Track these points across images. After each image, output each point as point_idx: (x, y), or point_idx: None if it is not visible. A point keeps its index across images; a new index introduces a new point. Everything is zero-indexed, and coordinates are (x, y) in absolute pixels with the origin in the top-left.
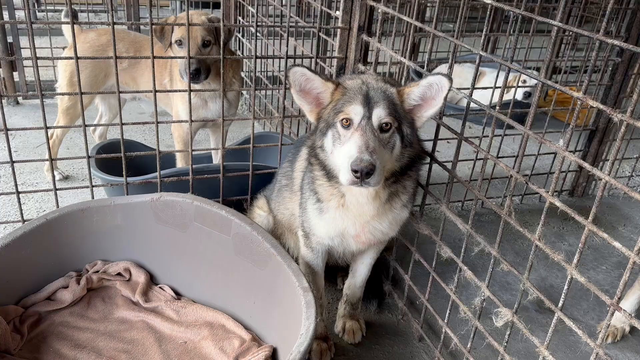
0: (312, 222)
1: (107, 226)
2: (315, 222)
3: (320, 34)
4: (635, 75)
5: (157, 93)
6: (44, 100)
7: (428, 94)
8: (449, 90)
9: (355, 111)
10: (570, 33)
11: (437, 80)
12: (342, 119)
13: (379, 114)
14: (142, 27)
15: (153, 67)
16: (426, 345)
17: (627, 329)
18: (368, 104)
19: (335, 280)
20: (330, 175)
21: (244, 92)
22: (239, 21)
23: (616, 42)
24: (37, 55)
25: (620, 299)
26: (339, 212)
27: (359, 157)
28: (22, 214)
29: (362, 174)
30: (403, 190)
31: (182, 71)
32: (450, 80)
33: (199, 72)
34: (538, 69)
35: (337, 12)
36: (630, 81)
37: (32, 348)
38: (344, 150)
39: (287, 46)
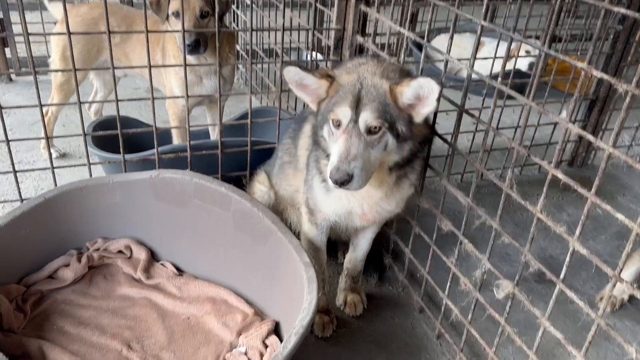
0: (318, 200)
1: (106, 204)
2: (322, 200)
3: (317, 4)
4: (636, 44)
5: (150, 71)
6: (37, 76)
7: (421, 93)
8: (440, 94)
9: (344, 114)
10: (571, 0)
11: (426, 83)
12: (333, 119)
13: (366, 118)
14: (134, 0)
15: (147, 41)
16: (427, 317)
17: (626, 297)
18: (357, 106)
19: (336, 254)
20: None
21: (240, 66)
22: None
23: (622, 9)
24: (29, 30)
25: (621, 270)
26: (345, 193)
27: (336, 166)
28: (20, 193)
29: (338, 183)
30: (411, 170)
31: (181, 43)
32: (440, 84)
33: (198, 43)
34: (538, 37)
35: None
36: (632, 49)
37: (36, 326)
38: (332, 150)
39: (284, 18)
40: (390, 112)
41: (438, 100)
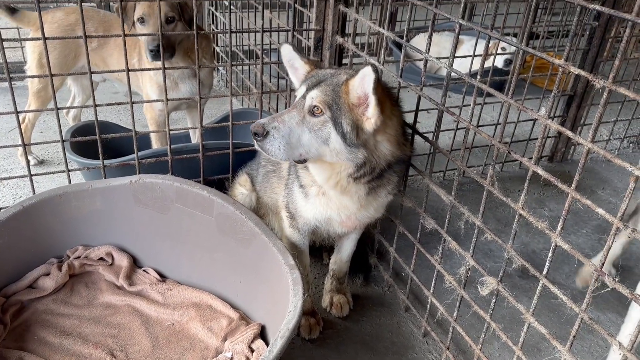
0: (298, 204)
1: (87, 211)
2: (301, 205)
3: (296, 5)
4: (612, 39)
5: (129, 75)
6: (13, 83)
7: (365, 87)
8: (375, 80)
9: (300, 90)
10: None
11: (366, 71)
12: (297, 96)
13: (312, 95)
14: (111, 4)
15: (125, 45)
16: (413, 315)
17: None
18: (312, 87)
19: (320, 255)
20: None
21: (220, 68)
22: None
23: (598, 6)
24: (3, 36)
25: (603, 264)
26: (321, 200)
27: (260, 120)
28: None
29: (253, 134)
30: (387, 182)
31: (145, 49)
32: (375, 70)
33: (162, 49)
34: (515, 35)
35: None
36: (608, 45)
37: (17, 337)
38: None
39: (263, 19)
40: (338, 104)
41: (375, 92)
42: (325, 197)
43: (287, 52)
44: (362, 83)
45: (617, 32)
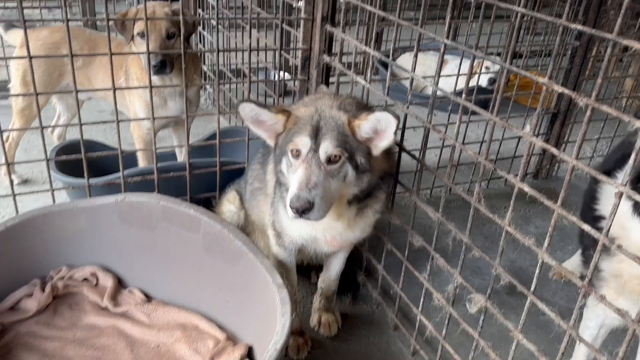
0: (283, 223)
1: (71, 230)
2: (287, 224)
3: (283, 25)
4: (593, 58)
5: (115, 94)
6: None
7: (378, 127)
8: (397, 127)
9: (303, 142)
10: (529, 18)
11: (384, 117)
12: (292, 149)
13: (326, 147)
14: (98, 22)
15: (111, 63)
16: (401, 334)
17: (578, 275)
18: (316, 136)
19: (309, 274)
20: None
21: (208, 87)
22: (199, 14)
23: (579, 26)
24: None
25: (590, 280)
26: (307, 222)
27: (296, 194)
28: None
29: (299, 212)
30: (375, 200)
31: (147, 64)
32: (397, 118)
33: (164, 64)
34: (499, 55)
35: (300, 3)
36: (589, 64)
37: None
38: (291, 180)
39: (250, 38)
40: (349, 143)
41: (396, 133)
42: None
43: (249, 110)
44: (378, 124)
45: (598, 51)
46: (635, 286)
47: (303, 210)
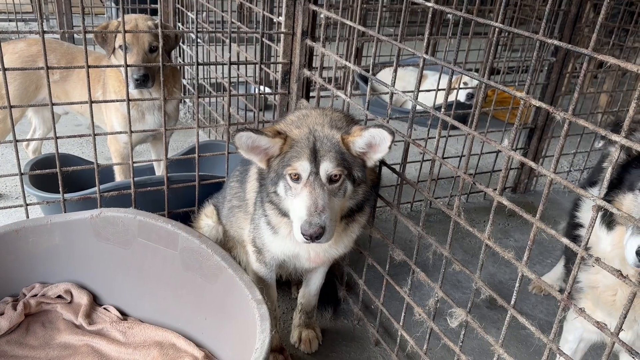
0: (265, 240)
1: (45, 247)
2: (269, 241)
3: (264, 39)
4: (569, 74)
5: (91, 107)
6: None
7: (372, 142)
8: (392, 142)
9: (303, 167)
10: (507, 34)
11: (378, 133)
12: (290, 173)
13: (326, 168)
14: (75, 35)
15: (88, 77)
16: (383, 349)
17: (557, 288)
18: (315, 158)
19: (289, 289)
20: (284, 214)
21: (187, 100)
22: (179, 27)
23: (556, 42)
24: None
25: (570, 294)
26: (291, 239)
27: (307, 220)
28: None
29: (313, 238)
30: (362, 213)
31: (130, 77)
32: (392, 133)
33: (147, 77)
34: (477, 70)
35: (280, 17)
36: (565, 80)
37: None
38: (295, 204)
39: (230, 52)
40: (346, 160)
41: (390, 147)
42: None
43: (246, 139)
44: (373, 139)
45: (573, 67)
46: (609, 297)
47: (317, 236)
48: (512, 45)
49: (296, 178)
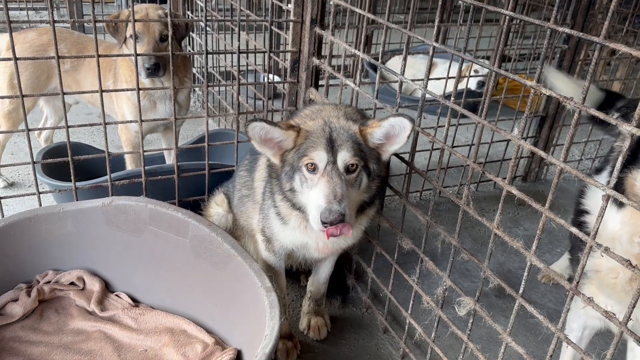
0: (274, 229)
1: (57, 234)
2: (278, 231)
3: (273, 27)
4: (581, 62)
5: (102, 96)
6: None
7: (391, 132)
8: (412, 130)
9: (320, 157)
10: (518, 21)
11: (399, 122)
12: (307, 164)
13: (344, 157)
14: (85, 25)
15: (98, 65)
16: (391, 337)
17: (566, 277)
18: (332, 148)
19: (298, 277)
20: (296, 207)
21: (197, 89)
22: (188, 16)
23: (567, 30)
24: None
25: (578, 283)
26: (300, 230)
27: (327, 208)
28: None
29: (333, 225)
30: (372, 207)
31: (141, 67)
32: (412, 121)
33: (158, 66)
34: (488, 58)
35: (289, 5)
36: (577, 67)
37: None
38: (312, 195)
39: (239, 41)
40: (363, 151)
41: (409, 137)
42: (306, 229)
43: (259, 129)
44: (392, 129)
45: (585, 54)
46: (611, 280)
47: (336, 224)
48: (524, 32)
49: (313, 168)
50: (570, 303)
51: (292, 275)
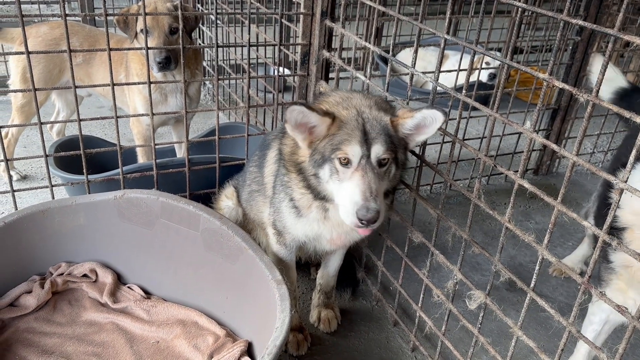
0: (287, 222)
1: (70, 227)
2: (292, 224)
3: (283, 20)
4: (594, 54)
5: (113, 89)
6: None
7: (422, 124)
8: (444, 122)
9: (355, 152)
10: (530, 13)
11: (431, 114)
12: (340, 157)
13: (378, 152)
14: (97, 18)
15: (110, 59)
16: (401, 330)
17: (578, 271)
18: (366, 141)
19: (308, 270)
20: (319, 196)
21: (207, 82)
22: (198, 9)
23: (580, 21)
24: None
25: (590, 277)
26: (317, 222)
27: (364, 205)
28: None
29: (369, 223)
30: (390, 194)
31: (152, 61)
32: (445, 114)
33: (169, 60)
34: (500, 50)
35: None
36: (590, 59)
37: None
38: (345, 189)
39: (249, 33)
40: (394, 142)
41: (440, 129)
42: (324, 220)
43: (298, 112)
44: (423, 121)
45: (599, 46)
46: None
47: (374, 221)
48: (536, 24)
49: (346, 163)
50: (582, 297)
51: (302, 268)
